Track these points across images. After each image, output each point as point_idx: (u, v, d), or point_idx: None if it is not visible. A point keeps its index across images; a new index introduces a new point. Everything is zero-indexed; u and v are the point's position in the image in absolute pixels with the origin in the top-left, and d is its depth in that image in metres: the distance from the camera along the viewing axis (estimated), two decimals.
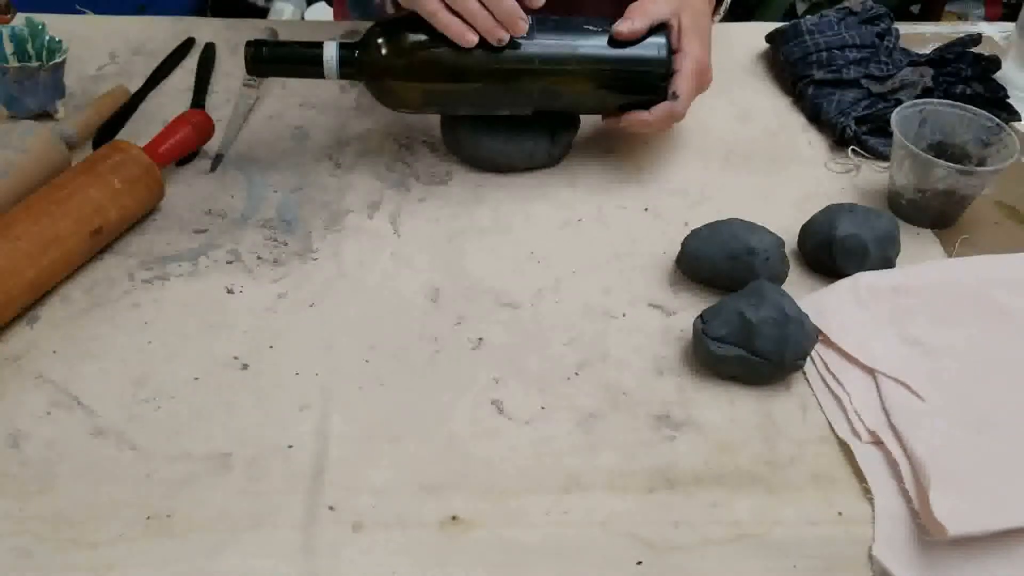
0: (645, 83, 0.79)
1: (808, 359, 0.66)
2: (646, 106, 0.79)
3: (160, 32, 1.00)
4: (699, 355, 0.66)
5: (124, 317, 0.69)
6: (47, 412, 0.62)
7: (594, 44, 0.78)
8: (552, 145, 0.83)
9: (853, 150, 0.87)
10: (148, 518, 0.56)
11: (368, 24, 0.79)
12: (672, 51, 0.79)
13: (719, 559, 0.56)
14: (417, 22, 0.76)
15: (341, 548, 0.55)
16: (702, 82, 0.80)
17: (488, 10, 0.73)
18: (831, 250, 0.72)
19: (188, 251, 0.74)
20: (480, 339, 0.68)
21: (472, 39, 0.74)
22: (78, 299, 0.70)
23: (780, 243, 0.72)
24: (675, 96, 0.78)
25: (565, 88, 0.79)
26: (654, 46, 0.78)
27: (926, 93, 0.89)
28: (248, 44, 0.78)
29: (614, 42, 0.78)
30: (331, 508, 0.57)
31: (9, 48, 0.85)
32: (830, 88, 0.92)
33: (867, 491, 0.59)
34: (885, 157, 0.86)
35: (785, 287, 0.70)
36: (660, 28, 0.79)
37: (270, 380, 0.65)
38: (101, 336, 0.67)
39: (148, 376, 0.64)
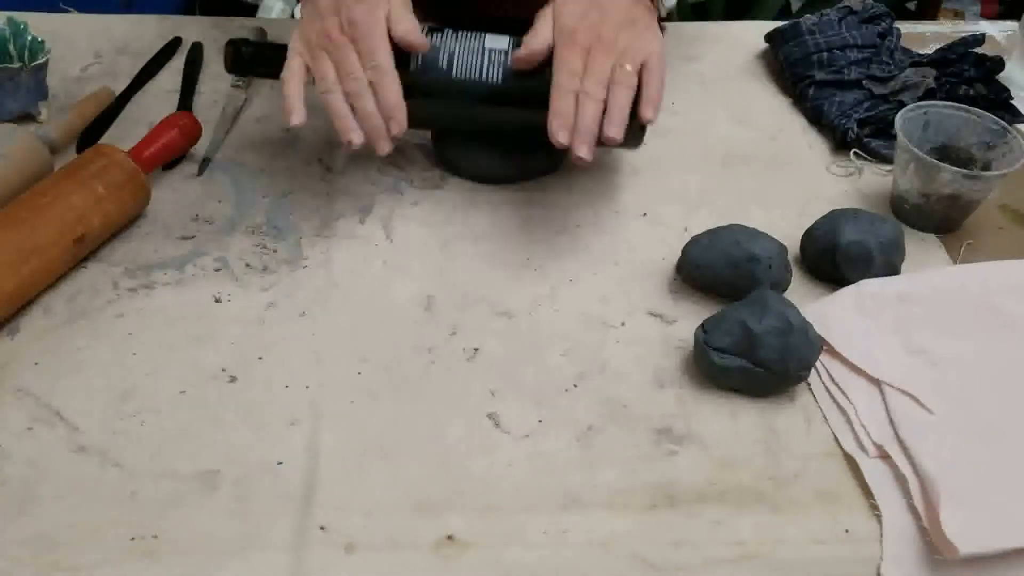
0: None
1: (812, 370, 0.64)
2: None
3: (146, 31, 0.98)
4: (701, 366, 0.65)
5: (108, 328, 0.67)
6: (28, 428, 0.60)
7: None
8: (549, 155, 0.81)
9: (855, 153, 0.86)
10: (132, 540, 0.54)
11: None
12: None
13: None
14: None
15: (333, 571, 0.53)
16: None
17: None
18: (835, 257, 0.71)
19: (174, 259, 0.72)
20: (476, 350, 0.67)
21: (357, 142, 0.70)
22: (60, 309, 0.68)
23: (783, 250, 0.70)
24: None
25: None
26: None
27: (928, 94, 0.88)
28: (228, 43, 0.75)
29: None
30: (322, 528, 0.55)
31: None
32: (831, 89, 0.90)
33: (874, 508, 0.57)
34: (888, 160, 0.84)
35: (787, 295, 0.68)
36: None
37: (259, 394, 0.63)
38: (84, 348, 0.65)
39: (132, 390, 0.62)
